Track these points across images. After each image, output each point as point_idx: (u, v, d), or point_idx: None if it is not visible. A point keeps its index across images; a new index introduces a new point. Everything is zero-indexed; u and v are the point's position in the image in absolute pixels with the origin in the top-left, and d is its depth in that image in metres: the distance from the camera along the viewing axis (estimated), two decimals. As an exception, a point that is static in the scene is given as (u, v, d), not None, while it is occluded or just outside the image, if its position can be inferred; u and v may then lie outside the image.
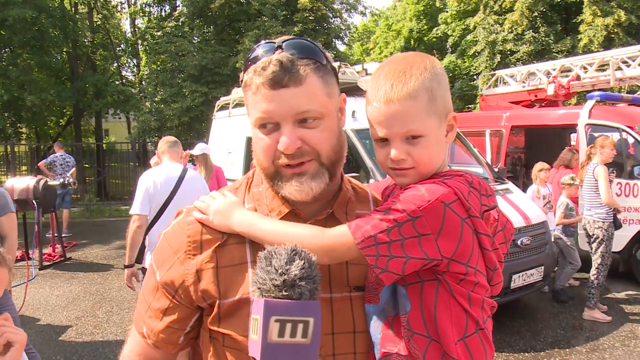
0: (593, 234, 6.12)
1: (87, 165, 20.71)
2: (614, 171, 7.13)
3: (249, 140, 8.00)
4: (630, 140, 7.78)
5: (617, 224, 6.18)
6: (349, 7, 24.31)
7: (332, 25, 22.31)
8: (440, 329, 1.03)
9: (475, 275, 1.04)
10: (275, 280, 0.92)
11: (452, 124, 1.14)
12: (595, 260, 6.12)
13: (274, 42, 1.11)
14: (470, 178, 1.08)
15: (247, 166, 7.88)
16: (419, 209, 0.99)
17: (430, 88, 1.08)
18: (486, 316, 1.10)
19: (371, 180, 5.71)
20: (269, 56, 1.07)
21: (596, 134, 8.06)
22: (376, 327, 1.10)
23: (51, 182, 8.51)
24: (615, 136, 7.79)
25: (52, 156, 11.35)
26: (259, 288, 0.93)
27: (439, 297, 1.04)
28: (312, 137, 1.08)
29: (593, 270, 6.13)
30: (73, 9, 21.70)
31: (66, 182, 9.62)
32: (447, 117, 1.12)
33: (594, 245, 6.13)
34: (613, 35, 18.63)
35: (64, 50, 20.43)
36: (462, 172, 1.10)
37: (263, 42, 1.14)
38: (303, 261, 0.94)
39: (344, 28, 23.86)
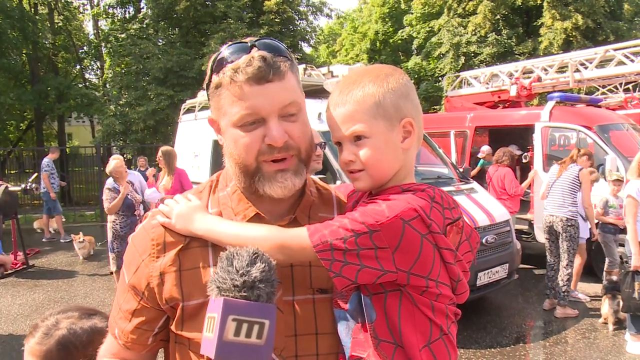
0: (566, 232, 6.19)
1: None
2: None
3: (216, 143, 7.95)
4: (589, 140, 8.02)
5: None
6: (314, 10, 24.43)
7: (298, 28, 22.32)
8: (404, 337, 1.05)
9: (437, 287, 1.06)
10: (236, 280, 0.93)
11: (408, 129, 1.14)
12: (569, 257, 6.22)
13: (245, 42, 1.13)
14: (432, 193, 1.08)
15: (214, 169, 7.80)
16: (377, 223, 1.00)
17: (376, 93, 1.10)
18: (450, 322, 1.12)
19: (338, 182, 5.75)
20: (245, 54, 1.09)
21: (557, 134, 8.31)
22: (346, 332, 1.12)
23: (12, 188, 8.29)
24: (574, 136, 8.05)
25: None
26: (218, 287, 0.94)
27: (402, 307, 1.06)
28: (294, 130, 1.11)
29: (567, 268, 6.24)
30: (32, 9, 21.07)
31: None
32: (402, 122, 1.12)
33: (566, 243, 6.21)
34: (572, 38, 19.21)
35: (24, 52, 19.84)
36: (424, 187, 1.10)
37: (230, 43, 1.14)
38: (264, 264, 0.95)
39: (310, 30, 23.93)
